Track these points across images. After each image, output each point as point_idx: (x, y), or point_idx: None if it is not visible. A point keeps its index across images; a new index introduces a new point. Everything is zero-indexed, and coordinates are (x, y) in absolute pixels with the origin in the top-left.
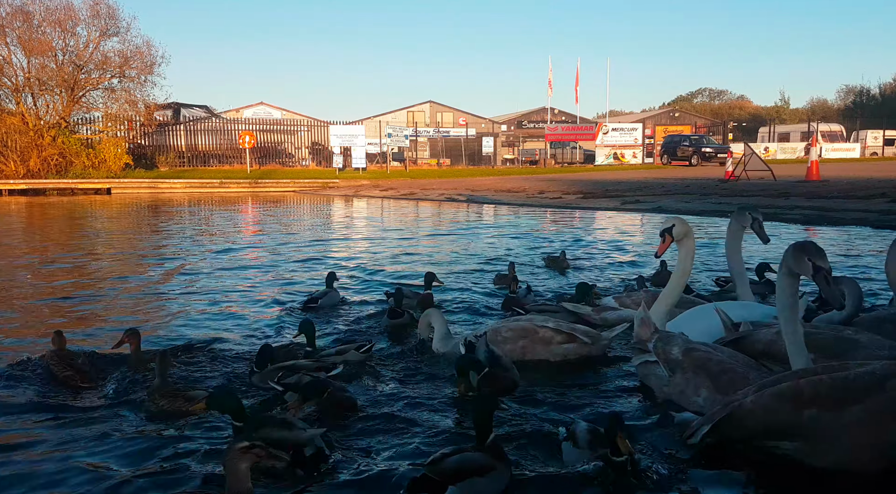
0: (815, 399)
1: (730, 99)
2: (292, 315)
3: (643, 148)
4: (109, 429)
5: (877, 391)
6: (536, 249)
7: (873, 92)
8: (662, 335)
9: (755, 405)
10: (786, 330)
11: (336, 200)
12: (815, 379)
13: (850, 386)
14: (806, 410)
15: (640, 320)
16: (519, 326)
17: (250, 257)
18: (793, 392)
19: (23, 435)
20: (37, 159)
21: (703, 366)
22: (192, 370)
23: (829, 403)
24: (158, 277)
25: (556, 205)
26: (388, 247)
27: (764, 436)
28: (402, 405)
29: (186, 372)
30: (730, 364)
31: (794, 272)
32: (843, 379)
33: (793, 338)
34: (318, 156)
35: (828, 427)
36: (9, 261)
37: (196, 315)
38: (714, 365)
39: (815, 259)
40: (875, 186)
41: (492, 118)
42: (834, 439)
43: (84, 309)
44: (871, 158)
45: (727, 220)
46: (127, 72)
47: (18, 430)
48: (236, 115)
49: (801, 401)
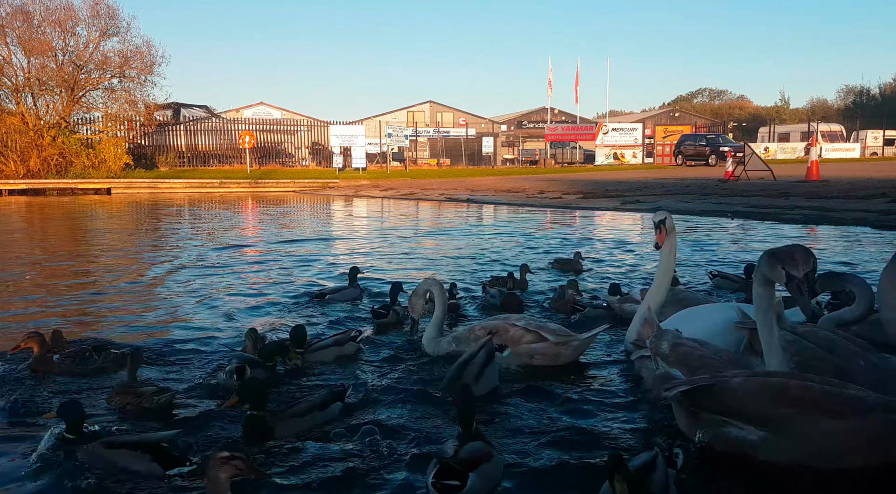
0: (800, 401)
1: (730, 99)
2: (289, 312)
3: (643, 148)
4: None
5: (859, 416)
6: (533, 249)
7: (873, 92)
8: (659, 332)
9: (739, 386)
10: (762, 336)
11: (336, 200)
12: (808, 384)
13: (837, 402)
14: (787, 408)
15: (643, 320)
16: (491, 324)
17: (249, 258)
18: (781, 387)
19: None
20: (37, 159)
21: (685, 360)
22: (170, 368)
23: (813, 409)
24: (153, 276)
25: (556, 205)
26: (388, 247)
27: (734, 416)
28: (391, 402)
29: (161, 371)
30: (710, 359)
31: (768, 279)
32: (835, 394)
33: (768, 344)
34: (318, 156)
35: (800, 429)
36: (7, 260)
37: (189, 313)
38: (694, 360)
39: (788, 267)
40: (875, 186)
41: (492, 118)
42: (801, 440)
43: (74, 306)
44: (871, 158)
45: (727, 220)
46: (127, 72)
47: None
48: (236, 115)
49: (785, 398)
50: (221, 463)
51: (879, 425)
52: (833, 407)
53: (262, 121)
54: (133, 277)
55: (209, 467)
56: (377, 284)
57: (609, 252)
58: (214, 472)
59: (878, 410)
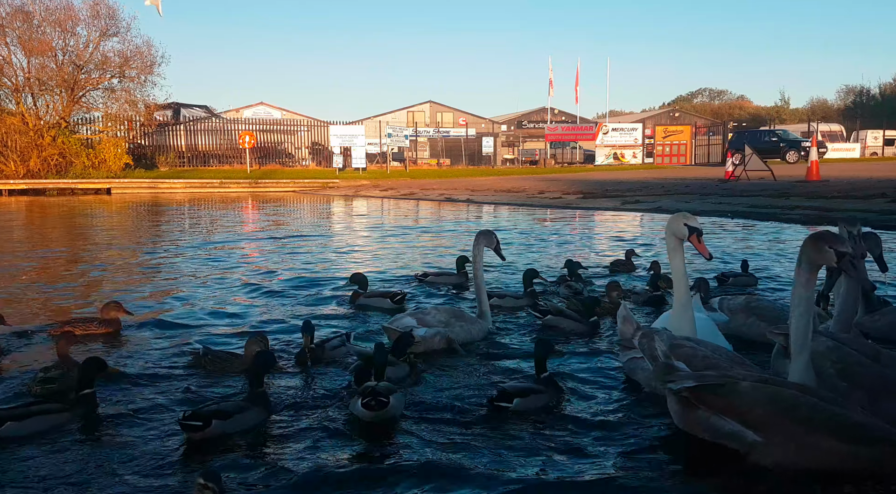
0: (808, 421)
1: (730, 99)
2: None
3: (643, 148)
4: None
5: (865, 444)
6: (542, 250)
7: (873, 92)
8: (646, 331)
9: (748, 391)
10: (797, 324)
11: (336, 200)
12: (818, 404)
13: (843, 427)
14: (792, 424)
15: (622, 318)
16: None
17: (248, 257)
18: (792, 402)
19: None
20: (37, 159)
21: (688, 362)
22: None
23: (818, 430)
24: (149, 275)
25: (556, 204)
26: (388, 248)
27: (736, 417)
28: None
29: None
30: (714, 359)
31: (815, 264)
32: (842, 418)
33: (801, 335)
34: (318, 156)
35: (799, 443)
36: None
37: (182, 312)
38: (699, 361)
39: (836, 245)
40: (875, 186)
41: (492, 118)
42: (796, 453)
43: (69, 301)
44: (871, 158)
45: (727, 220)
46: (127, 72)
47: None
48: (236, 115)
49: (793, 414)
50: (197, 491)
51: (881, 454)
52: (839, 430)
53: (262, 121)
54: (124, 275)
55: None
56: (379, 284)
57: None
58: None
59: (885, 441)
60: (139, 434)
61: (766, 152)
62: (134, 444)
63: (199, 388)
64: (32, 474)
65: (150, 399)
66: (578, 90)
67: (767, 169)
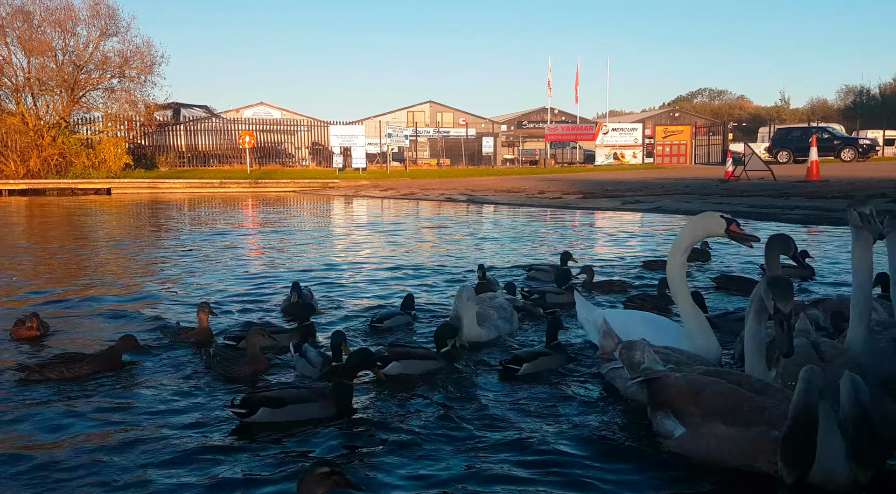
0: (708, 405)
1: (730, 99)
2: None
3: (643, 148)
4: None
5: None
6: (535, 249)
7: (873, 92)
8: (626, 343)
9: (674, 382)
10: (747, 341)
11: (336, 200)
12: (721, 387)
13: (740, 410)
14: (695, 408)
15: (602, 333)
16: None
17: (247, 257)
18: (698, 387)
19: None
20: (37, 159)
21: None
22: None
23: (714, 414)
24: (148, 276)
25: (556, 204)
26: (388, 248)
27: (670, 409)
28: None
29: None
30: (686, 364)
31: (763, 305)
32: (741, 402)
33: (755, 350)
34: (318, 156)
35: (705, 431)
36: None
37: (180, 312)
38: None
39: (779, 302)
40: (875, 186)
41: (492, 118)
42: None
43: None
44: (872, 158)
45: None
46: (127, 72)
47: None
48: (236, 115)
49: (696, 399)
50: (321, 479)
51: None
52: (734, 414)
53: (262, 122)
54: (123, 274)
55: (305, 481)
56: (373, 284)
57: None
58: (312, 487)
59: (763, 423)
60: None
61: (820, 150)
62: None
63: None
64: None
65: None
66: (578, 90)
67: (767, 169)
